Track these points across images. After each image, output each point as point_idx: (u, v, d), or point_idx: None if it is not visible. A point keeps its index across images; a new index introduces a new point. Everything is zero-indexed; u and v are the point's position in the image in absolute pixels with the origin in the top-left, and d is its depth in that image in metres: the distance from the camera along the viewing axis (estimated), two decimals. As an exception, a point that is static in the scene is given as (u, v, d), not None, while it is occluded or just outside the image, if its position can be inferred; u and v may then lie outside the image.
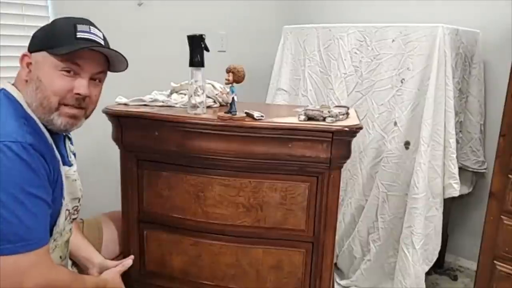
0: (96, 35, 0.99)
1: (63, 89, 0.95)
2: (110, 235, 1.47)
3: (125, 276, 1.42)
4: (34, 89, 0.93)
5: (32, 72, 0.95)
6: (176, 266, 1.46)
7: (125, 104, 1.46)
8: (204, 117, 1.31)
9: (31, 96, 0.94)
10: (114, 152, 1.48)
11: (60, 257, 1.01)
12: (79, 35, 0.95)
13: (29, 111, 0.94)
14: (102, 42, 1.00)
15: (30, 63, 0.96)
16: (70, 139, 1.12)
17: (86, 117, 1.04)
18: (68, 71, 0.95)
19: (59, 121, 0.96)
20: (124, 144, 1.42)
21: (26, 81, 0.95)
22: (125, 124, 1.39)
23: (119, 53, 1.01)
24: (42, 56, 0.94)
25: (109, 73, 1.88)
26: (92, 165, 1.92)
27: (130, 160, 1.42)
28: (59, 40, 0.94)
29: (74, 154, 1.17)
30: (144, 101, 1.47)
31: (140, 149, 1.40)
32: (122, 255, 1.48)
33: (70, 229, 1.08)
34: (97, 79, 1.02)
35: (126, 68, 1.06)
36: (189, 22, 2.14)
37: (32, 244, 0.87)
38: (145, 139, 1.37)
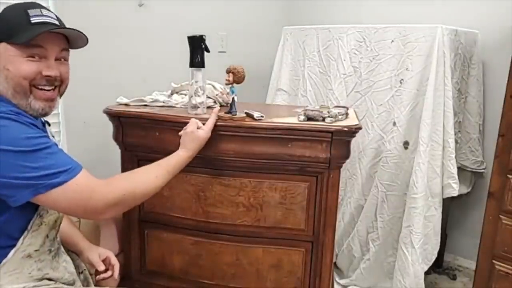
0: (49, 17, 0.99)
1: (32, 72, 0.96)
2: (109, 233, 1.48)
3: (126, 275, 1.43)
4: (4, 79, 0.95)
5: None
6: (177, 266, 1.47)
7: (126, 105, 1.47)
8: (205, 117, 1.31)
9: (3, 86, 0.95)
10: (114, 152, 1.49)
11: (47, 236, 1.02)
12: (33, 20, 0.96)
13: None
14: (57, 22, 1.00)
15: None
16: (49, 124, 1.14)
17: (60, 95, 1.06)
18: (33, 57, 0.96)
19: (36, 105, 0.98)
20: (125, 144, 1.43)
21: None
22: (126, 124, 1.40)
23: (76, 30, 1.01)
24: (2, 47, 0.95)
25: (109, 73, 1.91)
26: (92, 165, 1.91)
27: (130, 160, 1.43)
28: (14, 29, 0.94)
29: (53, 137, 1.18)
30: (144, 101, 1.48)
31: (141, 149, 1.41)
32: (123, 253, 1.49)
33: None
34: (62, 58, 1.02)
35: (86, 44, 1.05)
36: (189, 23, 2.15)
37: (74, 169, 0.94)
38: (146, 139, 1.38)
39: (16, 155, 0.87)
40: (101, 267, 1.21)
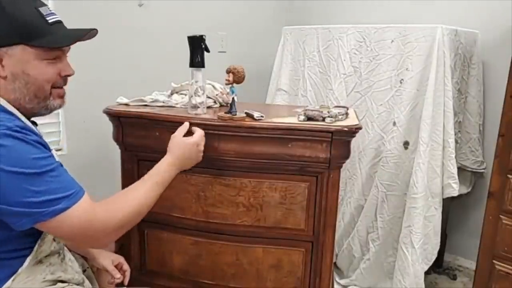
0: (55, 13, 0.98)
1: (54, 75, 0.96)
2: None
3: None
4: (24, 85, 0.92)
5: (9, 67, 0.91)
6: (177, 265, 1.47)
7: (126, 105, 1.47)
8: (205, 117, 1.31)
9: (21, 92, 0.93)
10: (114, 152, 1.49)
11: (54, 239, 1.02)
12: (49, 19, 0.94)
13: (8, 106, 0.92)
14: (59, 18, 1.00)
15: (1, 59, 0.91)
16: (36, 124, 1.09)
17: None
18: (50, 59, 0.95)
19: (55, 104, 0.99)
20: (125, 144, 1.43)
21: (5, 77, 0.92)
22: (126, 124, 1.40)
23: (93, 29, 1.01)
24: (20, 50, 0.91)
25: (109, 73, 1.91)
26: (92, 165, 1.93)
27: (130, 160, 1.43)
28: (34, 31, 0.91)
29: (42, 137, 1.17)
30: (144, 101, 1.48)
31: (141, 149, 1.41)
32: (121, 251, 1.49)
33: None
34: (67, 56, 1.03)
35: (93, 36, 1.04)
36: (189, 23, 2.15)
37: (76, 194, 0.90)
38: (146, 139, 1.38)
39: (20, 177, 0.83)
40: (118, 275, 1.23)
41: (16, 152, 0.84)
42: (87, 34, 0.99)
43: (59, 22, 0.97)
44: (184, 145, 1.18)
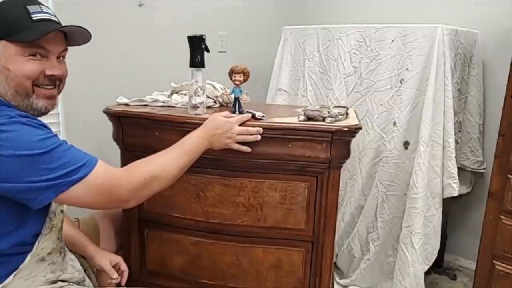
0: (49, 13, 0.97)
1: (35, 72, 0.94)
2: (107, 232, 1.48)
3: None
4: (4, 79, 0.92)
5: None
6: (177, 266, 1.47)
7: (126, 104, 1.47)
8: (205, 117, 1.31)
9: (3, 87, 0.93)
10: (114, 152, 1.48)
11: (58, 238, 1.03)
12: (34, 17, 0.93)
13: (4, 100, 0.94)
14: (56, 19, 0.98)
15: None
16: None
17: (59, 93, 1.04)
18: (35, 55, 0.94)
19: (39, 104, 0.97)
20: (125, 144, 1.43)
21: None
22: (126, 124, 1.40)
23: (81, 27, 0.99)
24: (2, 45, 0.92)
25: (110, 73, 1.91)
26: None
27: (130, 160, 1.41)
28: (16, 27, 0.92)
29: None
30: (144, 101, 1.48)
31: (141, 149, 1.40)
32: (121, 250, 1.49)
33: (61, 210, 1.09)
34: (61, 57, 1.01)
35: (88, 41, 1.04)
36: (189, 23, 2.15)
37: (90, 162, 0.93)
38: (146, 139, 1.38)
39: (32, 158, 0.85)
40: (115, 275, 1.23)
41: (22, 135, 0.86)
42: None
43: (47, 20, 0.95)
44: (218, 120, 1.19)
